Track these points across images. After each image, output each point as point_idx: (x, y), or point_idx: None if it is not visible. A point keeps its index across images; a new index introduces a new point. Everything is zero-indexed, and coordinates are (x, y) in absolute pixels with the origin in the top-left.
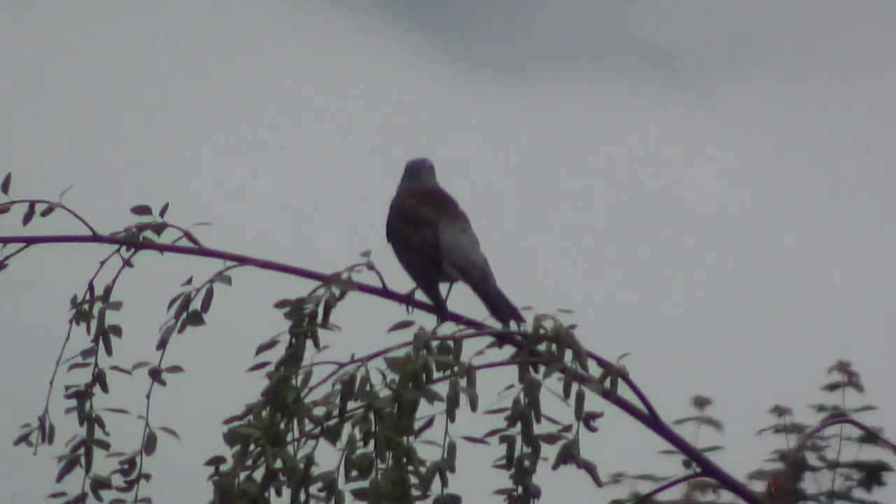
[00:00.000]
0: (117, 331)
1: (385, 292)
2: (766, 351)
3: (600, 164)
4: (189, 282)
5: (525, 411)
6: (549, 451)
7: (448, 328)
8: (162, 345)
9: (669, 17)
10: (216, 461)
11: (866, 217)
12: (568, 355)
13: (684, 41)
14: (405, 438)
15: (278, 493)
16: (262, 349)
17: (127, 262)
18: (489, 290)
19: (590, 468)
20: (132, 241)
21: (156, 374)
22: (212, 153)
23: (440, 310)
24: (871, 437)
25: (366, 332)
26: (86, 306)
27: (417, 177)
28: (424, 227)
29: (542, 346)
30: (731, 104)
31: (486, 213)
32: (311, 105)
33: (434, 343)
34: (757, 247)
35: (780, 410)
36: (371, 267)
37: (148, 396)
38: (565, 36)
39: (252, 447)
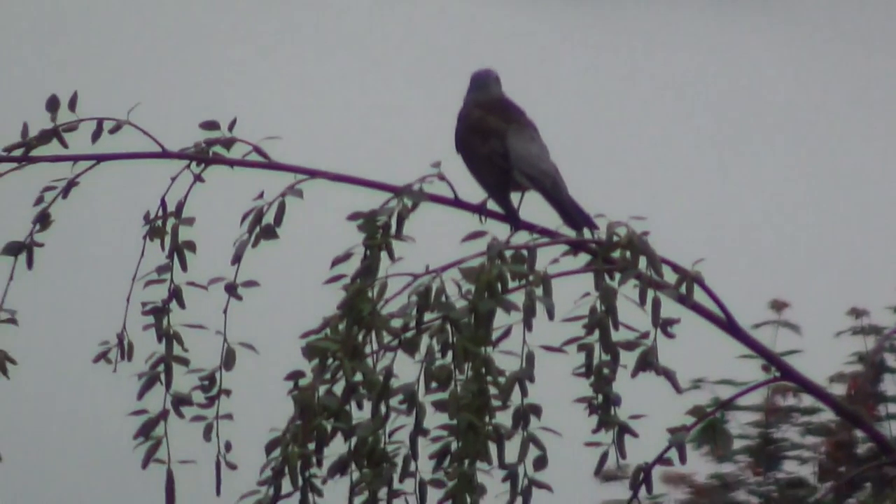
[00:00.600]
0: (192, 246)
1: (457, 202)
2: (842, 253)
3: (668, 70)
4: (260, 196)
5: (602, 319)
6: (628, 359)
7: (521, 237)
8: (236, 259)
9: None
10: (295, 376)
11: None
12: (642, 262)
13: None
14: (483, 349)
15: (359, 406)
16: (336, 262)
17: (198, 178)
18: (561, 198)
19: (669, 375)
20: (202, 156)
21: (232, 289)
22: (280, 68)
23: (513, 219)
24: None
25: (439, 243)
26: (159, 222)
27: (484, 87)
28: (493, 136)
29: (616, 254)
30: (804, 5)
31: (555, 123)
32: (379, 20)
33: (508, 252)
34: (831, 149)
35: (857, 312)
36: (442, 178)
37: (225, 312)
38: None
39: (330, 361)
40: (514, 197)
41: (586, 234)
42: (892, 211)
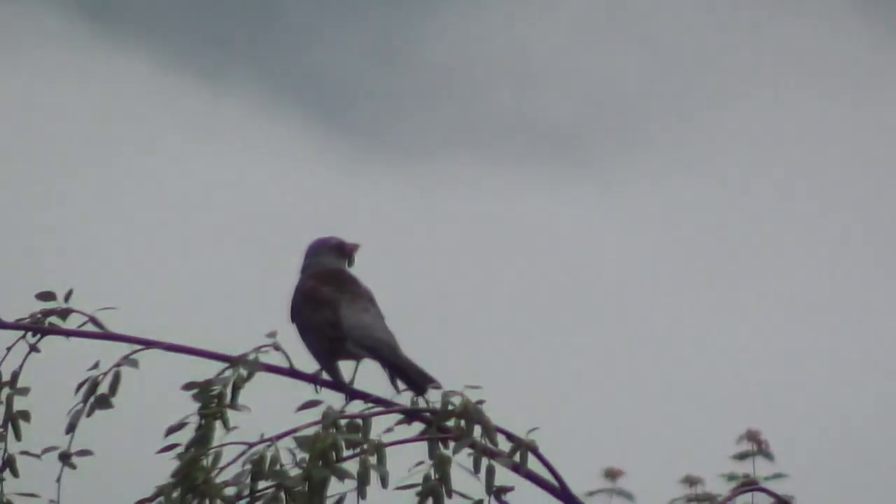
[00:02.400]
0: (26, 416)
1: (292, 372)
2: (675, 421)
3: (500, 241)
4: (96, 366)
5: (436, 487)
6: None
7: (356, 406)
8: (70, 429)
9: (563, 96)
10: None
11: (767, 282)
12: (477, 430)
13: (577, 119)
14: None
15: None
16: (171, 431)
17: (33, 348)
18: (400, 362)
19: None
20: (38, 326)
21: (65, 458)
22: (115, 238)
23: (343, 388)
24: None
25: (274, 412)
26: None
27: (318, 257)
28: (325, 306)
29: (450, 422)
30: (624, 179)
31: (391, 293)
32: (212, 191)
33: (343, 421)
34: (661, 318)
35: (691, 480)
36: (277, 348)
37: (58, 480)
38: (461, 117)
39: None
40: (349, 366)
41: (421, 402)
42: (726, 381)
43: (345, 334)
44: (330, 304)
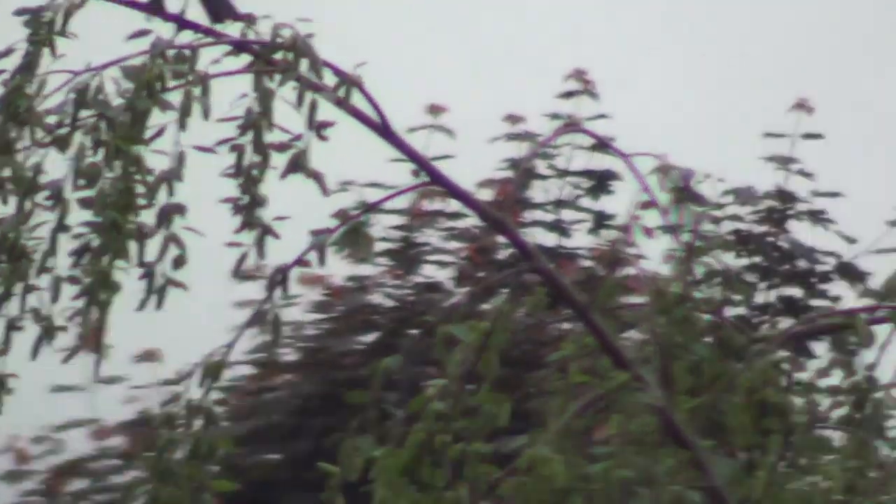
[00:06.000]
0: None
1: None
2: (502, 60)
3: None
4: None
5: (257, 120)
6: (280, 160)
7: (186, 37)
8: None
9: None
10: None
11: None
12: (304, 65)
13: None
14: (135, 147)
15: (4, 202)
16: None
17: None
18: None
19: (317, 177)
20: None
21: None
22: None
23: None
24: (602, 145)
25: (106, 42)
26: None
27: None
28: None
29: (279, 55)
30: None
31: None
32: None
33: (171, 52)
34: None
35: (513, 119)
36: None
37: None
38: None
39: None
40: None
41: (252, 34)
42: (564, 20)
43: None
44: None
